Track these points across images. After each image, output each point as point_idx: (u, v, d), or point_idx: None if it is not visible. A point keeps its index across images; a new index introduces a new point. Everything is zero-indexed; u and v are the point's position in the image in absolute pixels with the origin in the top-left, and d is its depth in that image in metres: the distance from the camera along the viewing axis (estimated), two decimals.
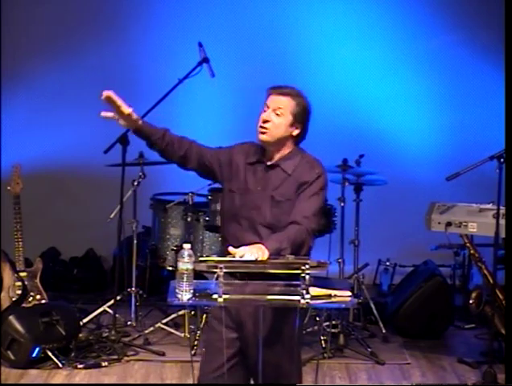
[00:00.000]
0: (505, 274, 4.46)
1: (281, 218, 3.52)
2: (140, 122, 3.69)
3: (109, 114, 3.68)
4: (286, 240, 3.39)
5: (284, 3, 6.99)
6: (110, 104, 3.65)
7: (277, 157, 3.58)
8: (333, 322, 5.47)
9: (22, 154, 6.34)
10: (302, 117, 3.57)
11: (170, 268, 5.69)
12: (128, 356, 5.22)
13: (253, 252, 3.25)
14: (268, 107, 3.55)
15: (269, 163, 3.58)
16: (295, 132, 3.57)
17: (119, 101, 3.67)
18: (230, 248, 3.29)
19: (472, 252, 5.21)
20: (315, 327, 5.44)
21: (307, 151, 3.64)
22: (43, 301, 5.21)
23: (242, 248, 3.27)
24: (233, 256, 3.25)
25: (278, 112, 3.54)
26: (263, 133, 3.54)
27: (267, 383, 3.48)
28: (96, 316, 5.71)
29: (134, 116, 3.67)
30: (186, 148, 3.64)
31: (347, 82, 7.02)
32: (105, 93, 3.71)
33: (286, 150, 3.59)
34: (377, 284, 6.98)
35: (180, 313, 5.59)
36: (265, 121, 3.53)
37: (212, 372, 3.54)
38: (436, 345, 5.61)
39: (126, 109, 3.67)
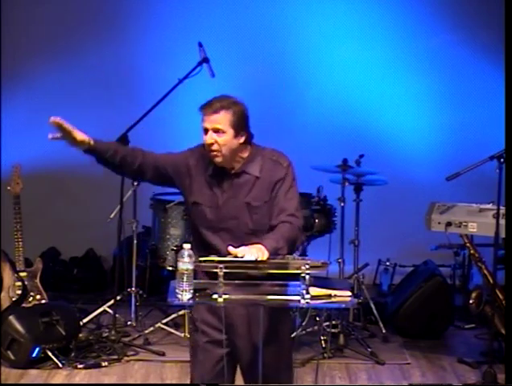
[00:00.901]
0: (505, 274, 4.45)
1: (262, 222, 3.49)
2: (92, 142, 3.58)
3: (57, 135, 3.66)
4: (281, 239, 3.38)
5: (284, 3, 6.99)
6: (59, 128, 3.59)
7: (239, 164, 3.52)
8: (333, 322, 5.47)
9: (22, 154, 6.34)
10: (242, 124, 3.48)
11: (170, 268, 5.68)
12: (128, 356, 5.22)
13: (253, 253, 3.24)
14: (207, 129, 3.48)
15: (233, 172, 3.51)
16: (242, 139, 3.49)
17: (69, 128, 3.62)
18: (230, 248, 3.28)
19: (472, 252, 5.21)
20: (315, 327, 5.43)
21: (262, 145, 3.58)
22: (43, 301, 5.22)
23: (242, 249, 3.26)
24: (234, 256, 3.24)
25: (218, 131, 3.46)
26: (215, 156, 3.47)
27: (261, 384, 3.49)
28: (96, 316, 5.71)
29: (86, 138, 3.58)
30: (139, 159, 3.56)
31: (347, 82, 7.02)
32: (53, 119, 3.64)
33: (244, 154, 3.52)
34: (377, 284, 6.98)
35: (180, 313, 5.59)
36: (210, 145, 3.46)
37: (203, 376, 3.53)
38: (436, 345, 5.61)
39: (78, 135, 3.60)
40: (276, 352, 3.53)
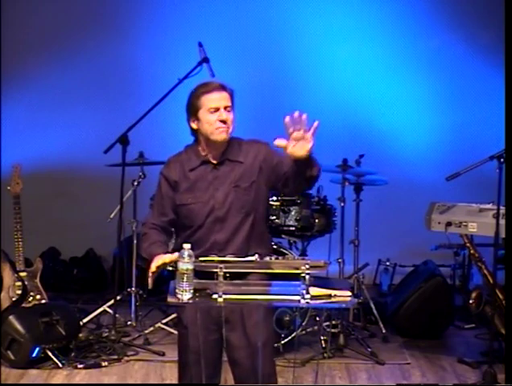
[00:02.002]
0: (505, 274, 4.45)
1: (254, 203, 3.57)
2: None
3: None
4: None
5: (284, 3, 6.99)
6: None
7: (221, 152, 3.60)
8: (333, 322, 5.47)
9: (22, 154, 6.35)
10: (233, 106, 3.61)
11: (170, 268, 5.67)
12: (128, 356, 5.22)
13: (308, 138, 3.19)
14: (217, 108, 3.54)
15: (215, 161, 3.59)
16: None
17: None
18: (278, 141, 3.23)
19: (472, 252, 5.21)
20: (315, 327, 5.43)
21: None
22: (43, 301, 5.22)
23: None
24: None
25: (228, 109, 3.56)
26: (224, 132, 3.55)
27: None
28: (96, 316, 5.71)
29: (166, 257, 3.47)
30: (169, 229, 3.66)
31: (347, 82, 7.02)
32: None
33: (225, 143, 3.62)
34: (377, 284, 6.98)
35: None
36: (224, 121, 3.54)
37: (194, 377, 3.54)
38: (436, 345, 5.61)
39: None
40: (267, 352, 3.56)
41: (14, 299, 5.12)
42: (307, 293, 3.18)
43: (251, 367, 3.52)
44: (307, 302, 3.19)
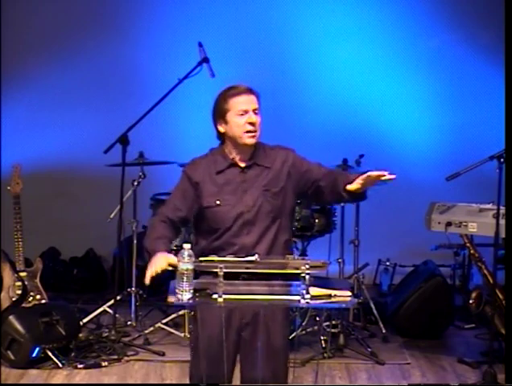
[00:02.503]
0: (505, 274, 4.45)
1: (282, 208, 3.56)
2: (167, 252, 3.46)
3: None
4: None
5: (284, 3, 6.99)
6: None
7: (249, 156, 3.58)
8: (333, 322, 5.47)
9: (22, 154, 6.35)
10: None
11: (170, 268, 5.67)
12: (128, 356, 5.22)
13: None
14: (246, 110, 3.52)
15: (243, 165, 3.57)
16: None
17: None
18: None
19: (472, 252, 5.21)
20: (315, 327, 5.43)
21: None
22: (43, 301, 5.22)
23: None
24: None
25: (256, 112, 3.55)
26: (253, 136, 3.53)
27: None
28: (96, 316, 5.71)
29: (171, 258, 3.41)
30: (178, 224, 3.59)
31: (347, 82, 7.02)
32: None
33: (253, 147, 3.61)
34: (377, 284, 6.98)
35: (180, 313, 5.59)
36: (253, 124, 3.52)
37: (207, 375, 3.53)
38: (436, 345, 5.61)
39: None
40: (283, 354, 3.57)
41: (14, 299, 5.12)
42: (307, 293, 3.18)
43: (266, 374, 3.51)
44: (307, 302, 3.19)
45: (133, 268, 5.73)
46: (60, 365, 4.97)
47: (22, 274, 5.17)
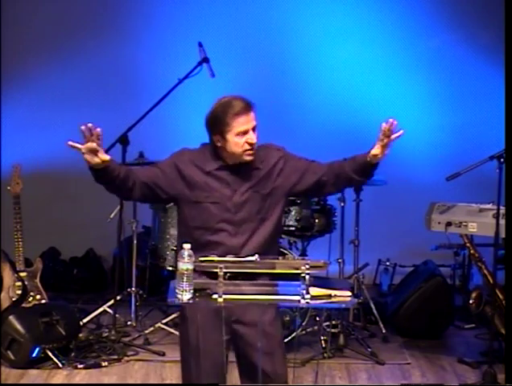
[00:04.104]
0: (505, 274, 4.45)
1: (271, 209, 3.55)
2: (109, 160, 3.47)
3: (77, 146, 3.52)
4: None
5: (284, 3, 6.99)
6: (86, 138, 3.48)
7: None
8: (333, 322, 5.47)
9: (22, 154, 6.34)
10: None
11: (170, 268, 5.68)
12: (128, 356, 5.22)
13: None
14: (246, 131, 3.47)
15: (234, 165, 3.54)
16: None
17: (99, 142, 3.47)
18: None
19: (472, 252, 5.21)
20: (315, 327, 5.43)
21: None
22: (43, 301, 5.22)
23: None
24: None
25: (255, 128, 3.51)
26: (251, 154, 3.50)
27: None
28: (96, 316, 5.71)
29: (108, 156, 3.46)
30: (133, 178, 3.52)
31: (347, 82, 7.02)
32: (87, 127, 3.49)
33: None
34: (377, 284, 6.98)
35: None
36: (254, 144, 3.49)
37: (201, 377, 3.52)
38: (436, 345, 5.61)
39: (103, 156, 3.45)
40: (280, 352, 3.58)
41: (14, 299, 5.12)
42: (307, 293, 3.18)
43: (267, 368, 3.50)
44: (307, 302, 3.19)
45: (133, 268, 5.73)
46: (60, 365, 4.97)
47: (22, 274, 5.17)
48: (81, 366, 4.99)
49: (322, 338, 5.29)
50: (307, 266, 3.18)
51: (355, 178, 3.62)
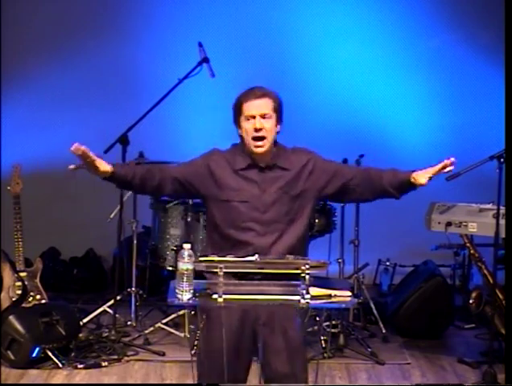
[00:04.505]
0: (505, 274, 4.45)
1: (300, 211, 3.55)
2: (113, 169, 3.49)
3: (79, 165, 3.50)
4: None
5: (284, 3, 6.99)
6: (81, 157, 3.44)
7: (269, 157, 3.57)
8: (333, 322, 5.47)
9: (22, 154, 6.34)
10: (281, 112, 3.58)
11: (170, 268, 5.68)
12: (128, 356, 5.22)
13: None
14: (253, 116, 3.50)
15: (263, 165, 3.56)
16: (278, 128, 3.58)
17: (93, 157, 3.45)
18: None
19: (472, 252, 5.21)
20: (315, 327, 5.43)
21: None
22: (43, 301, 5.21)
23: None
24: None
25: (265, 117, 3.51)
26: (260, 146, 3.50)
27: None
28: (96, 316, 5.71)
29: (108, 168, 3.48)
30: (159, 175, 3.54)
31: (347, 82, 7.02)
32: (76, 147, 3.44)
33: (272, 150, 3.58)
34: (377, 284, 6.98)
35: (180, 313, 5.59)
36: (258, 130, 3.49)
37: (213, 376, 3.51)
38: (436, 345, 5.61)
39: (101, 165, 3.47)
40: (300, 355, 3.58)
41: (14, 299, 5.12)
42: (307, 293, 3.18)
43: (289, 372, 3.51)
44: (307, 302, 3.19)
45: (133, 268, 5.73)
46: (60, 365, 4.97)
47: (22, 274, 5.17)
48: (81, 366, 4.99)
49: (322, 338, 5.29)
50: (307, 266, 3.18)
51: (390, 192, 3.68)
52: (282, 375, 3.51)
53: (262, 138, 3.51)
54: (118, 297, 5.57)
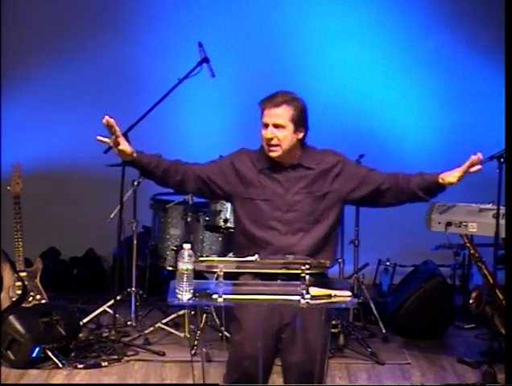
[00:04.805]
0: (505, 274, 4.45)
1: (324, 211, 3.56)
2: (135, 154, 3.57)
3: (106, 140, 3.55)
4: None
5: (284, 3, 6.99)
6: (109, 130, 3.51)
7: (292, 158, 3.59)
8: (333, 322, 5.47)
9: (22, 154, 6.34)
10: (302, 120, 3.59)
11: (170, 268, 5.69)
12: (128, 356, 5.21)
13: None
14: (267, 124, 3.53)
15: (287, 165, 3.59)
16: (301, 135, 3.59)
17: (118, 132, 3.53)
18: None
19: (472, 252, 5.21)
20: None
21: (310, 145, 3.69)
22: (43, 301, 5.21)
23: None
24: None
25: (278, 127, 3.53)
26: (273, 151, 3.54)
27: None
28: (96, 316, 5.71)
29: (129, 149, 3.56)
30: (182, 171, 3.59)
31: (347, 82, 7.02)
32: (107, 119, 3.55)
33: (298, 152, 3.61)
34: (377, 284, 6.98)
35: (180, 313, 5.59)
36: (270, 139, 3.53)
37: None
38: (436, 345, 5.61)
39: (122, 143, 3.55)
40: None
41: (14, 299, 5.12)
42: (307, 293, 3.18)
43: (308, 372, 3.54)
44: (307, 302, 3.19)
45: (133, 268, 5.72)
46: (60, 365, 4.97)
47: (22, 274, 5.17)
48: (81, 366, 4.99)
49: None
50: (307, 266, 3.18)
51: (419, 195, 3.67)
52: (300, 373, 3.51)
53: (274, 145, 3.53)
54: (118, 297, 5.57)
